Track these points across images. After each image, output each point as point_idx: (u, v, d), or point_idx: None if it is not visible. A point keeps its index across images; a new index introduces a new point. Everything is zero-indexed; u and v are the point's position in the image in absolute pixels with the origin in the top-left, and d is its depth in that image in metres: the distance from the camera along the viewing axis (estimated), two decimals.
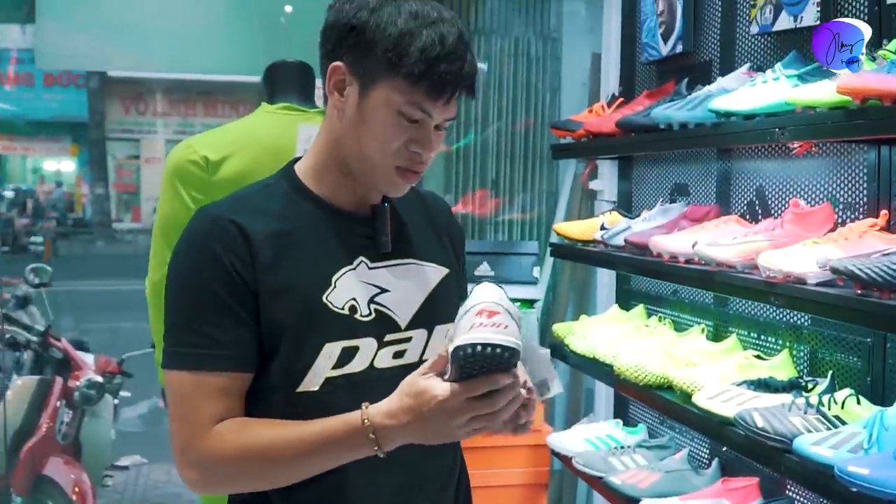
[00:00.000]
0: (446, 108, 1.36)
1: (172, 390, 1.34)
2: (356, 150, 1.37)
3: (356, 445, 1.28)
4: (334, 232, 1.40)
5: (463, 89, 1.35)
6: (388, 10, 1.32)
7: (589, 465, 2.76)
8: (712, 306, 2.76)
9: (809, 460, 1.75)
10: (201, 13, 4.30)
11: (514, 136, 4.40)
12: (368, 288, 1.40)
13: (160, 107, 22.19)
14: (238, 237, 1.33)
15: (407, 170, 1.38)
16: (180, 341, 1.33)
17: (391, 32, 1.31)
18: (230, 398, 1.33)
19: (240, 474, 1.32)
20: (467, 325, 1.22)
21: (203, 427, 1.31)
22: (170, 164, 2.36)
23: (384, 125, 1.34)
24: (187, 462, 1.33)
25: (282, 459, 1.30)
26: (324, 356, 1.35)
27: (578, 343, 2.90)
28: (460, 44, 1.33)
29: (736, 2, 2.65)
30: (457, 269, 1.57)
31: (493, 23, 4.37)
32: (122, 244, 19.56)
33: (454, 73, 1.31)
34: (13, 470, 3.64)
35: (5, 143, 22.16)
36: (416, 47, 1.30)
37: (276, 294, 1.33)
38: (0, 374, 3.92)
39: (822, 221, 2.11)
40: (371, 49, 1.32)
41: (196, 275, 1.34)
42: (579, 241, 3.05)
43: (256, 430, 1.31)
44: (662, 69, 3.07)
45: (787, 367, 2.27)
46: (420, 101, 1.33)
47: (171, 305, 1.36)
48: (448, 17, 1.34)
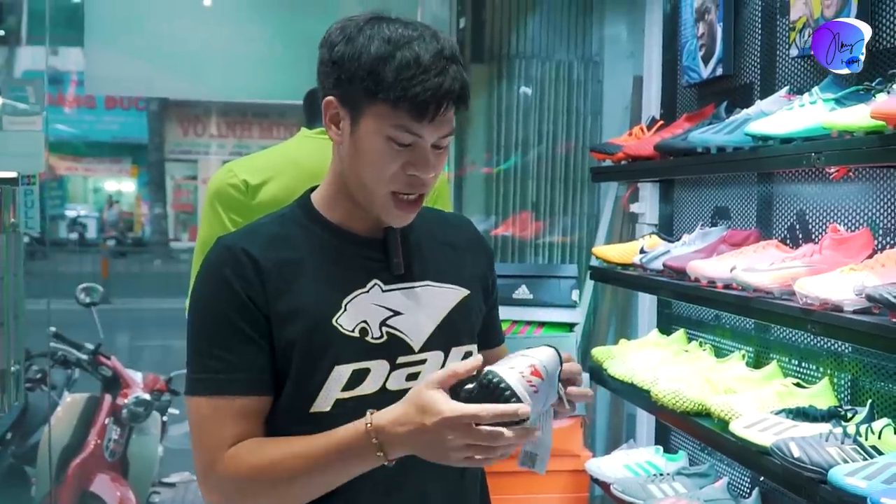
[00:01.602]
0: (437, 126, 1.34)
1: (192, 417, 1.37)
2: (356, 181, 1.39)
3: (361, 452, 1.28)
4: (347, 257, 1.42)
5: (449, 104, 1.33)
6: (361, 39, 1.33)
7: (627, 492, 2.73)
8: (753, 332, 2.71)
9: (844, 491, 1.71)
10: (248, 39, 4.37)
11: (555, 159, 4.39)
12: (381, 311, 1.41)
13: (217, 129, 22.60)
14: (248, 265, 1.36)
15: (406, 196, 1.38)
16: (198, 368, 1.37)
17: (365, 60, 1.31)
18: (248, 421, 1.35)
19: (256, 493, 1.34)
20: (509, 363, 1.26)
21: (221, 450, 1.33)
22: (211, 187, 2.41)
23: (376, 153, 1.35)
24: (209, 487, 1.36)
25: (293, 474, 1.31)
26: (334, 378, 1.36)
27: (617, 368, 2.87)
28: (439, 60, 1.31)
29: (776, 24, 2.63)
30: (483, 289, 1.57)
31: (534, 47, 4.38)
32: (178, 263, 19.88)
33: (433, 90, 1.30)
34: (60, 486, 3.72)
35: (68, 164, 22.75)
36: (389, 71, 1.30)
37: (286, 318, 1.36)
38: (52, 391, 4.02)
39: (861, 247, 2.07)
40: (351, 80, 1.33)
41: (211, 302, 1.37)
42: (618, 265, 3.04)
43: (268, 448, 1.33)
44: (703, 92, 3.05)
45: (827, 396, 2.23)
46: (406, 124, 1.32)
47: (190, 334, 1.39)
48: (428, 34, 1.33)
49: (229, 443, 1.33)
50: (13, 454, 4.00)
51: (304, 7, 4.30)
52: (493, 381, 1.23)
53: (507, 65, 4.39)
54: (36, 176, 3.63)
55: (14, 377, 3.40)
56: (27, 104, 3.70)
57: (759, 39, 2.72)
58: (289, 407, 1.37)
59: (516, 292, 3.30)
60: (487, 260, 1.61)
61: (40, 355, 3.97)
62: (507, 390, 1.22)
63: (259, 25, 4.40)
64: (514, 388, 1.22)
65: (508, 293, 3.28)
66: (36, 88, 3.74)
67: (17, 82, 4.00)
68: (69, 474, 3.74)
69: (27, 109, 3.69)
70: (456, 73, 1.33)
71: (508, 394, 1.22)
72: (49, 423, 3.78)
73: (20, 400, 3.55)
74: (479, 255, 1.59)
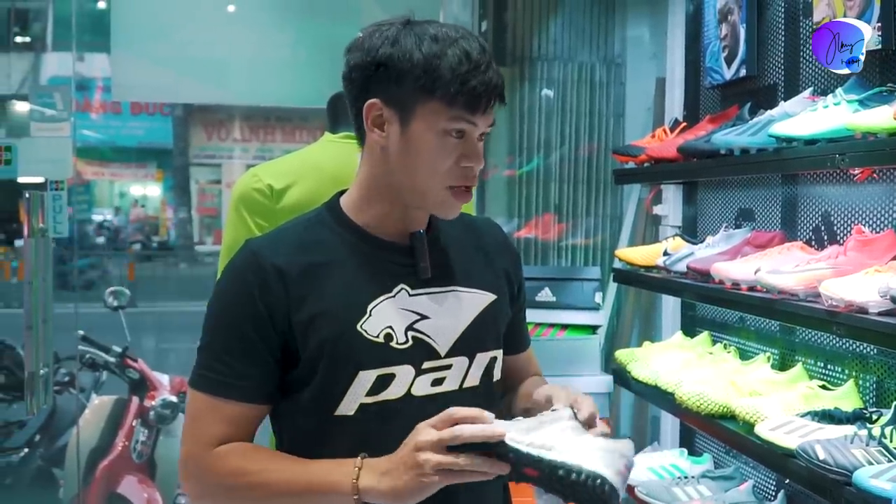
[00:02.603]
0: (487, 118, 1.39)
1: (189, 407, 1.42)
2: (409, 182, 1.40)
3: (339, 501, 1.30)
4: (374, 261, 1.43)
5: (496, 98, 1.38)
6: (410, 39, 1.36)
7: (651, 495, 2.73)
8: (778, 334, 2.70)
9: (869, 493, 1.70)
10: (272, 44, 4.39)
11: (577, 161, 4.39)
12: (407, 315, 1.41)
13: (240, 133, 22.73)
14: (272, 272, 1.38)
15: (460, 188, 1.40)
16: (204, 364, 1.40)
17: (417, 60, 1.34)
18: (237, 425, 1.38)
19: (228, 496, 1.38)
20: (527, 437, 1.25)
21: (207, 445, 1.37)
22: (236, 191, 2.43)
23: (431, 149, 1.37)
24: (187, 473, 1.41)
25: (269, 493, 1.34)
26: (358, 383, 1.37)
27: (641, 370, 2.87)
28: (484, 56, 1.36)
29: (799, 25, 2.61)
30: (509, 294, 1.57)
31: (557, 49, 4.38)
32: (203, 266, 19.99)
33: (486, 83, 1.35)
34: (88, 488, 3.75)
35: (95, 169, 22.95)
36: (445, 68, 1.33)
37: (310, 324, 1.37)
38: (80, 393, 4.07)
39: (886, 249, 2.05)
40: (402, 80, 1.35)
41: (228, 306, 1.40)
42: (642, 267, 3.03)
43: (254, 458, 1.37)
44: (727, 93, 3.04)
45: (852, 398, 2.21)
46: (464, 117, 1.36)
47: (205, 328, 1.43)
48: (466, 33, 1.38)
49: (217, 441, 1.37)
50: (41, 456, 4.06)
51: (327, 13, 4.32)
52: (591, 482, 1.22)
53: (530, 67, 4.39)
54: (64, 181, 3.67)
55: (43, 380, 3.45)
56: (55, 110, 3.74)
57: (783, 40, 2.70)
58: (313, 409, 1.39)
59: (539, 295, 3.30)
60: (514, 264, 1.62)
61: (68, 358, 4.02)
62: (607, 485, 1.21)
63: (282, 31, 4.42)
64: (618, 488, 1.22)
65: (531, 296, 3.29)
66: (63, 95, 3.78)
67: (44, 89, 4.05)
68: (97, 476, 3.78)
69: (55, 116, 3.74)
70: (497, 69, 1.38)
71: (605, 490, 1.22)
72: (77, 426, 3.82)
73: (48, 403, 3.60)
74: (506, 258, 1.60)
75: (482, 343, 1.47)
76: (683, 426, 3.27)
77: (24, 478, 4.02)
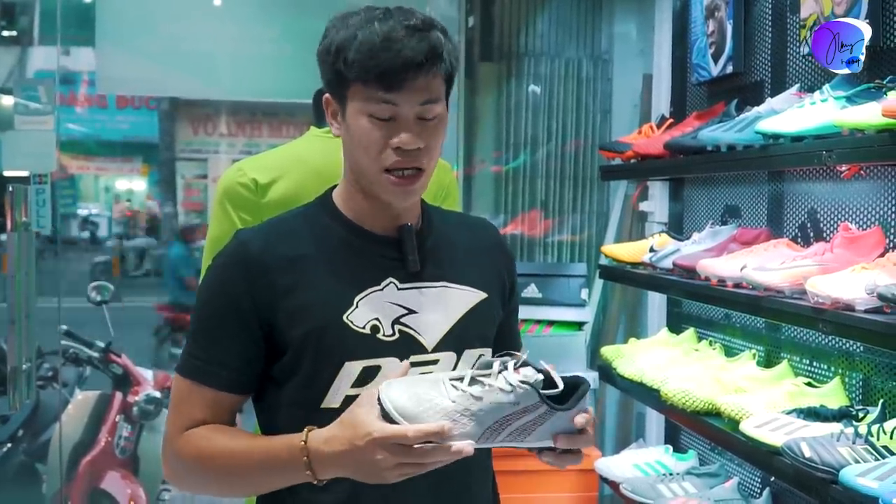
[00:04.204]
0: (410, 94, 1.33)
1: (173, 390, 1.44)
2: (355, 168, 1.41)
3: (291, 468, 1.31)
4: (363, 254, 1.43)
5: (423, 69, 1.32)
6: (332, 32, 1.37)
7: (637, 492, 2.72)
8: (764, 331, 2.70)
9: (855, 492, 1.71)
10: (258, 38, 4.37)
11: (564, 157, 4.38)
12: (395, 308, 1.41)
13: (227, 128, 22.64)
14: (260, 265, 1.39)
15: (399, 172, 1.37)
16: (190, 350, 1.42)
17: (336, 47, 1.35)
18: (214, 411, 1.40)
19: (194, 476, 1.41)
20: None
21: (182, 428, 1.40)
22: (221, 186, 2.41)
23: (362, 133, 1.36)
24: (165, 456, 1.43)
25: (228, 468, 1.36)
26: (344, 374, 1.37)
27: (626, 367, 2.87)
28: (400, 30, 1.32)
29: (786, 22, 2.61)
30: (501, 295, 1.55)
31: (544, 45, 4.37)
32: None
33: (395, 58, 1.31)
34: (71, 483, 3.73)
35: (80, 163, 22.80)
36: (354, 50, 1.33)
37: (296, 314, 1.37)
38: (63, 388, 4.04)
39: (873, 246, 2.06)
40: (329, 70, 1.37)
41: (214, 295, 1.42)
42: (628, 264, 3.03)
43: (215, 438, 1.38)
44: (713, 90, 3.04)
45: (838, 395, 2.21)
46: (379, 97, 1.34)
47: (194, 314, 1.44)
48: (398, 13, 1.35)
49: (192, 425, 1.39)
50: (24, 451, 4.03)
51: (314, 7, 4.29)
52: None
53: (516, 63, 4.38)
54: (48, 175, 3.64)
55: (26, 375, 3.42)
56: (39, 104, 3.71)
57: (770, 37, 2.70)
58: (299, 401, 1.39)
59: (526, 291, 3.29)
60: (509, 266, 1.60)
61: (52, 353, 3.99)
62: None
63: (269, 25, 4.40)
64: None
65: (518, 292, 3.27)
66: (47, 88, 3.75)
67: (28, 82, 4.02)
68: (80, 471, 3.76)
69: (39, 109, 3.71)
70: (422, 39, 1.33)
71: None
72: (60, 421, 3.80)
73: (31, 397, 3.57)
74: (500, 260, 1.58)
75: (470, 340, 1.46)
76: (669, 423, 3.27)
77: (6, 473, 3.99)
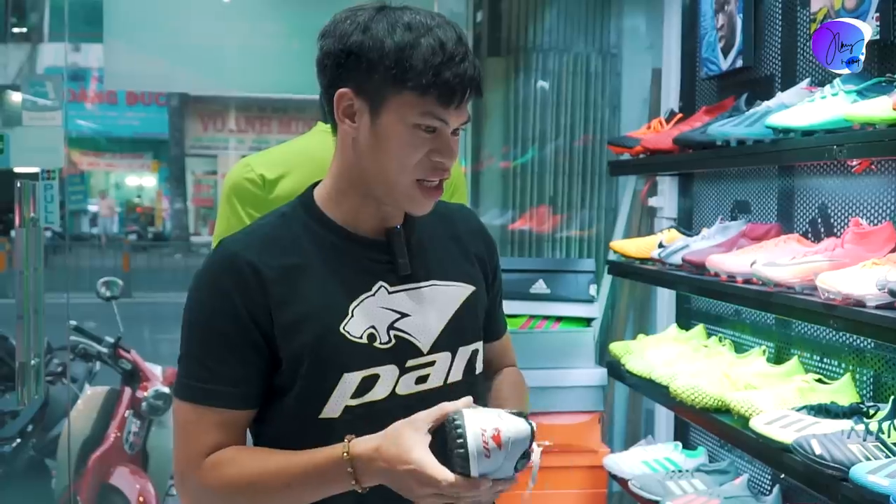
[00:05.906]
0: (459, 113, 1.34)
1: (177, 418, 1.37)
2: (377, 173, 1.35)
3: (336, 478, 1.28)
4: (352, 259, 1.39)
5: (472, 90, 1.33)
6: (381, 26, 1.30)
7: (645, 489, 2.71)
8: (774, 327, 2.69)
9: (866, 489, 1.69)
10: (267, 34, 4.36)
11: (572, 152, 4.36)
12: (388, 314, 1.38)
13: (236, 124, 22.68)
14: (251, 275, 1.33)
15: (429, 183, 1.36)
16: (188, 372, 1.36)
17: (389, 49, 1.29)
18: (227, 432, 1.34)
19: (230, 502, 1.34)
20: (482, 417, 1.25)
21: (199, 457, 1.33)
22: (228, 182, 2.41)
23: (401, 142, 1.32)
24: (183, 489, 1.37)
25: (267, 491, 1.31)
26: (343, 386, 1.34)
27: (635, 363, 2.86)
28: (460, 46, 1.31)
29: (796, 16, 2.59)
30: (484, 280, 1.54)
31: (552, 40, 4.34)
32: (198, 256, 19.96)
33: (461, 76, 1.29)
34: (80, 479, 3.73)
35: (90, 159, 22.89)
36: (417, 58, 1.28)
37: (292, 327, 1.34)
38: (72, 384, 4.04)
39: (884, 241, 2.04)
40: (373, 69, 1.30)
41: (206, 311, 1.35)
42: (637, 259, 3.01)
43: (245, 462, 1.32)
44: (723, 84, 3.02)
45: (849, 392, 2.20)
46: (433, 111, 1.31)
47: (184, 336, 1.37)
48: (442, 21, 1.32)
49: (208, 450, 1.33)
50: (34, 447, 4.03)
51: (322, 2, 4.29)
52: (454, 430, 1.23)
53: (525, 58, 4.36)
54: (56, 171, 3.64)
55: (35, 370, 3.42)
56: (47, 100, 3.72)
57: (780, 31, 2.68)
58: (297, 412, 1.36)
59: (534, 287, 3.27)
60: (489, 250, 1.58)
61: (61, 349, 3.99)
62: (461, 448, 1.22)
63: (277, 20, 4.39)
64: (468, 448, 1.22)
65: (526, 288, 3.26)
66: (55, 84, 3.75)
67: (37, 78, 4.01)
68: (89, 467, 3.76)
69: (47, 105, 3.71)
70: (474, 60, 1.33)
71: (461, 452, 1.22)
72: (69, 416, 3.80)
73: (41, 393, 3.57)
74: (479, 245, 1.56)
75: (463, 336, 1.45)
76: (678, 419, 3.26)
77: (16, 468, 4.00)
